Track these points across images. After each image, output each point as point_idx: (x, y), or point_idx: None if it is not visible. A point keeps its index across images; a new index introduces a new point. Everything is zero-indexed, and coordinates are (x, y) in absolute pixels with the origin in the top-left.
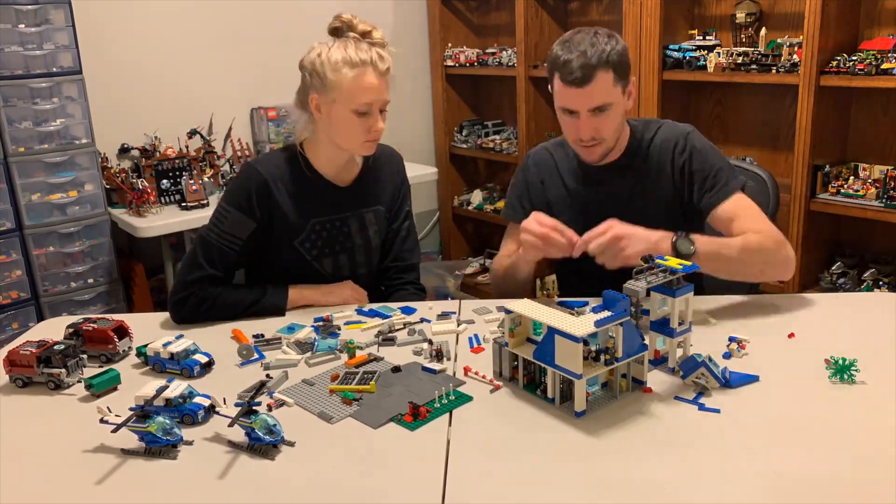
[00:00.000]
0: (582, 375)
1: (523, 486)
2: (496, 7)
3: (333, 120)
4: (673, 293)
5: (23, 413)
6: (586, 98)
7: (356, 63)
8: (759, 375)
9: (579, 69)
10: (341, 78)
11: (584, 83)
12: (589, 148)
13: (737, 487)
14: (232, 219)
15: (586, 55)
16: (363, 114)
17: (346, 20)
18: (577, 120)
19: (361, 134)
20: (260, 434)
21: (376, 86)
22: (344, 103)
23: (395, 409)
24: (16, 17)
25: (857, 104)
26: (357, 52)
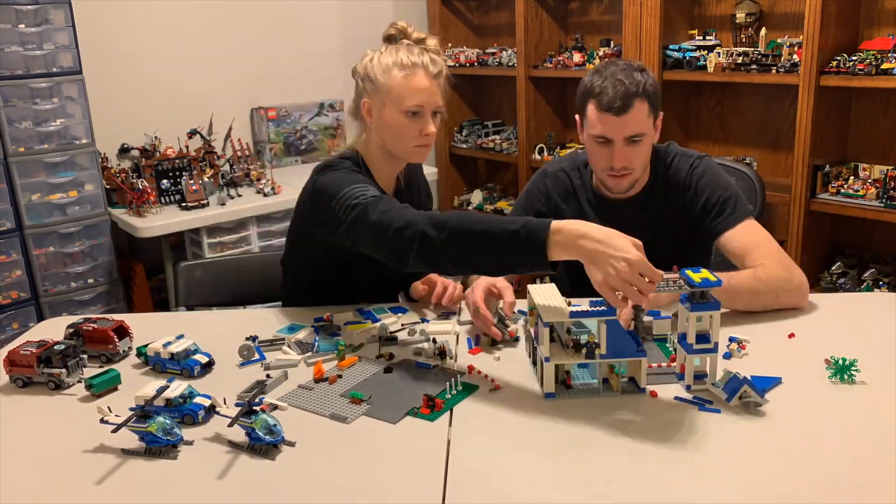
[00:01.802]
0: (550, 359)
1: (523, 486)
2: (496, 7)
3: (385, 123)
4: (691, 307)
5: (23, 413)
6: (623, 127)
7: (406, 65)
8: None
9: (619, 98)
10: (391, 79)
11: (623, 111)
12: (619, 178)
13: (737, 487)
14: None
15: (624, 84)
16: (414, 114)
17: (401, 28)
18: (610, 149)
19: (413, 136)
20: (260, 434)
21: (427, 87)
22: (394, 104)
23: (408, 404)
24: (16, 17)
25: (857, 104)
26: (408, 56)
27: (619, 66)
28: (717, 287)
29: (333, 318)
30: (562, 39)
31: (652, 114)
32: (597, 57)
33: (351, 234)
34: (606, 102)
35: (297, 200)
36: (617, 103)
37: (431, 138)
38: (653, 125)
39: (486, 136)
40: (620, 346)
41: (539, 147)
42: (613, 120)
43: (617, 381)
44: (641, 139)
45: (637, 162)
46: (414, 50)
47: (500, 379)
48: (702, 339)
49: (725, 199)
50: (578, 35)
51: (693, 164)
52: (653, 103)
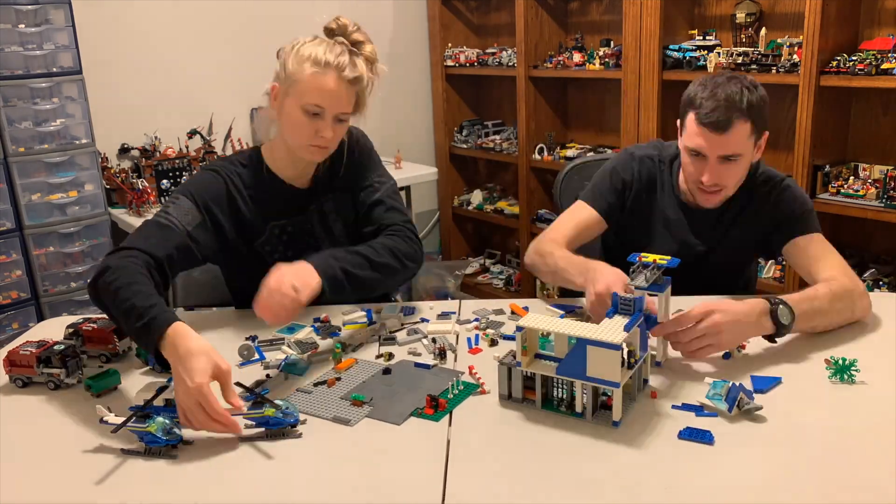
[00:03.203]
0: (620, 384)
1: (523, 487)
2: (496, 7)
3: (283, 113)
4: (661, 288)
5: (23, 413)
6: (721, 145)
7: (320, 62)
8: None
9: (720, 114)
10: (301, 71)
11: (723, 130)
12: (709, 195)
13: (737, 487)
14: (179, 205)
15: (730, 100)
16: (313, 115)
17: (342, 24)
18: (703, 163)
19: (307, 135)
20: (279, 418)
21: (333, 90)
22: (296, 97)
23: (411, 405)
24: (16, 17)
25: (857, 104)
26: (329, 53)
27: (727, 78)
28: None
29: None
30: (562, 39)
31: (754, 134)
32: (597, 57)
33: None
34: (706, 116)
35: None
36: (717, 119)
37: (327, 142)
38: (754, 145)
39: (486, 136)
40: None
41: (539, 147)
42: (711, 136)
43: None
44: (737, 160)
45: (730, 181)
46: (337, 50)
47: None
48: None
49: (802, 212)
50: (578, 35)
51: (775, 186)
52: (757, 123)
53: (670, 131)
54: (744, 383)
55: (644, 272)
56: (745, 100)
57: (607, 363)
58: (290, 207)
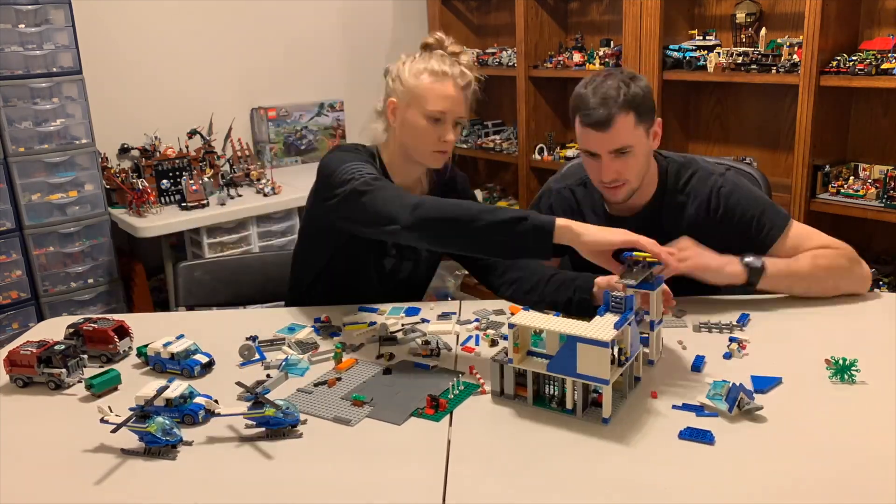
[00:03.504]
0: (609, 381)
1: (523, 487)
2: (496, 7)
3: (407, 124)
4: (652, 287)
5: (23, 413)
6: (607, 141)
7: (437, 72)
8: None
9: (599, 112)
10: (419, 83)
11: (605, 127)
12: (613, 189)
13: (737, 488)
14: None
15: (607, 97)
16: (436, 120)
17: (439, 39)
18: (599, 162)
19: (432, 142)
20: (279, 418)
21: (453, 95)
22: (419, 108)
23: (411, 405)
24: (16, 17)
25: (857, 104)
26: (440, 64)
27: (606, 76)
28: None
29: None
30: (562, 39)
31: (641, 124)
32: (597, 57)
33: (340, 208)
34: (588, 117)
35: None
36: (598, 118)
37: (450, 145)
38: (645, 134)
39: (486, 136)
40: (634, 345)
41: (539, 147)
42: (597, 135)
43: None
44: (630, 151)
45: (629, 173)
46: (447, 60)
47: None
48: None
49: (761, 213)
50: (578, 35)
51: (717, 183)
52: (641, 113)
53: (670, 131)
54: (744, 383)
55: (634, 269)
56: (622, 94)
57: (597, 360)
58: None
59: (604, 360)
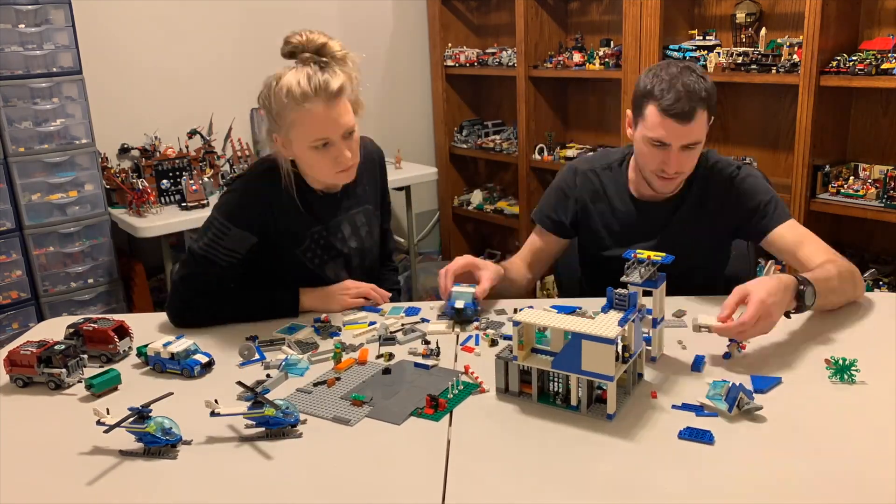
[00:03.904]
0: (614, 377)
1: (523, 487)
2: (496, 7)
3: (298, 157)
4: (655, 285)
5: (23, 413)
6: (686, 134)
7: (299, 97)
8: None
9: (684, 104)
10: (290, 114)
11: (687, 120)
12: (668, 181)
13: (737, 488)
14: (233, 235)
15: (691, 90)
16: (323, 146)
17: (299, 41)
18: (665, 153)
19: (329, 167)
20: (279, 418)
21: (327, 115)
22: (299, 139)
23: (410, 405)
24: (16, 17)
25: (857, 104)
26: (303, 82)
27: (681, 69)
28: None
29: (332, 319)
30: (562, 39)
31: (708, 122)
32: (597, 57)
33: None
34: (670, 107)
35: None
36: (682, 110)
37: (349, 161)
38: (705, 132)
39: (486, 136)
40: (637, 342)
41: (539, 147)
42: (676, 127)
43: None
44: (697, 146)
45: (690, 165)
46: (308, 72)
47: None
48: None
49: (768, 200)
50: (578, 35)
51: (733, 173)
52: (712, 110)
53: None
54: (744, 383)
55: (638, 269)
56: (703, 89)
57: (602, 357)
58: (325, 213)
59: (608, 357)
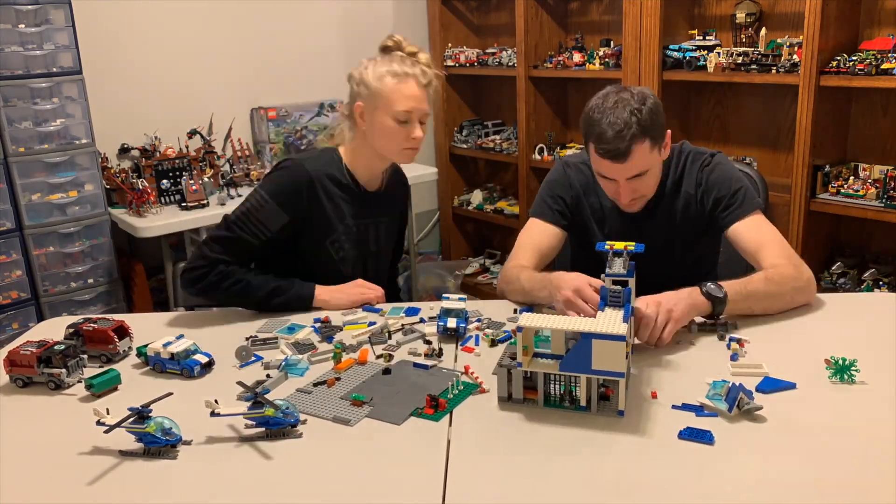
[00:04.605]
0: (625, 373)
1: (524, 486)
2: (496, 7)
3: (376, 126)
4: (630, 274)
5: (23, 413)
6: (624, 171)
7: (399, 74)
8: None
9: (616, 144)
10: (384, 86)
11: (622, 159)
12: (630, 205)
13: (737, 488)
14: (268, 209)
15: (622, 128)
16: (403, 121)
17: (396, 41)
18: (615, 184)
19: (401, 140)
20: (279, 418)
21: (417, 95)
22: (385, 110)
23: (410, 405)
24: (16, 17)
25: (857, 104)
26: (401, 66)
27: (616, 102)
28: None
29: (332, 319)
30: (562, 39)
31: (655, 146)
32: (597, 57)
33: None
34: (605, 149)
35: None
36: (615, 151)
37: (418, 142)
38: (658, 153)
39: (486, 136)
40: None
41: (539, 147)
42: (613, 165)
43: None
44: (647, 173)
45: (646, 189)
46: (407, 61)
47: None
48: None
49: (735, 191)
50: (578, 35)
51: (704, 162)
52: (654, 136)
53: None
54: (744, 383)
55: (618, 260)
56: (636, 122)
57: (613, 355)
58: (362, 209)
59: (619, 354)
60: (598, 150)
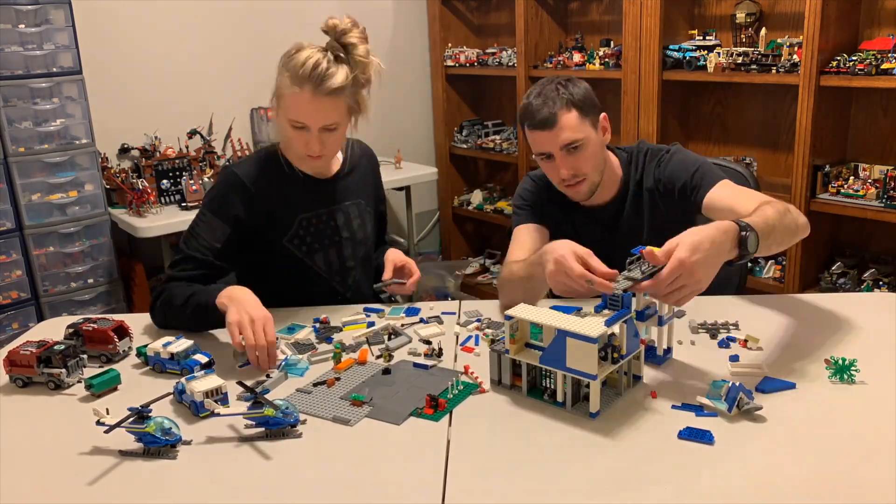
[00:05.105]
0: (597, 376)
1: (523, 486)
2: (496, 7)
3: (278, 125)
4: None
5: (23, 413)
6: (555, 138)
7: (298, 77)
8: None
9: (542, 112)
10: (283, 86)
11: (550, 125)
12: (573, 187)
13: (737, 488)
14: (207, 222)
15: (547, 98)
16: (298, 128)
17: (331, 26)
18: (554, 163)
19: (298, 146)
20: (279, 418)
21: (310, 106)
22: (283, 111)
23: (410, 405)
24: (16, 17)
25: (857, 104)
26: (305, 66)
27: (543, 84)
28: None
29: (331, 320)
30: (562, 39)
31: (586, 118)
32: (597, 57)
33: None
34: (533, 120)
35: None
36: (542, 118)
37: (318, 153)
38: (593, 129)
39: (486, 136)
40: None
41: None
42: (543, 134)
43: (625, 379)
44: (580, 145)
45: (586, 167)
46: (314, 59)
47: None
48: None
49: (693, 172)
50: (578, 35)
51: (661, 158)
52: (583, 109)
53: (670, 131)
54: (744, 383)
55: (639, 265)
56: (561, 93)
57: (585, 356)
58: (316, 200)
59: (592, 356)
60: (529, 126)
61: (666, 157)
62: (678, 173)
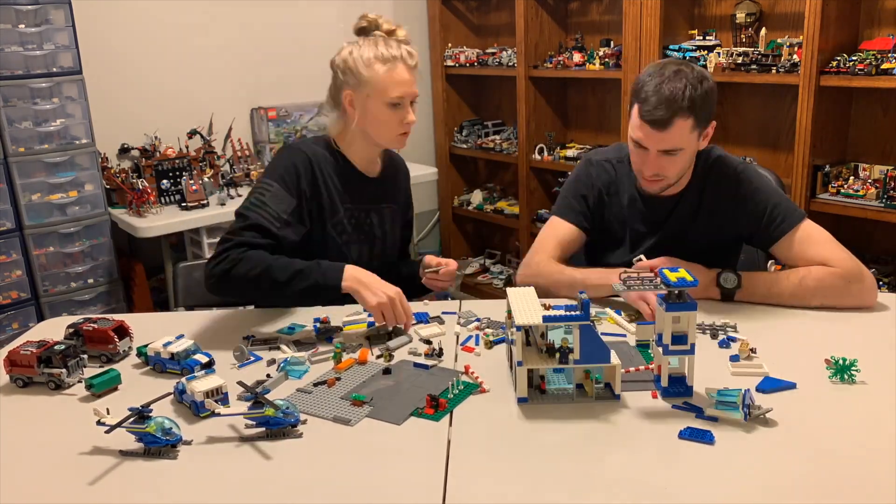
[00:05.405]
0: (522, 363)
1: (523, 486)
2: (496, 7)
3: (368, 114)
4: (667, 307)
5: (23, 413)
6: (659, 141)
7: (387, 58)
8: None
9: (661, 112)
10: (374, 73)
11: (663, 127)
12: (650, 182)
13: (737, 488)
14: (274, 193)
15: (672, 98)
16: (396, 106)
17: (372, 19)
18: (645, 154)
19: (395, 126)
20: (279, 418)
21: (407, 79)
22: (378, 97)
23: (411, 404)
24: (16, 17)
25: (857, 104)
26: (387, 49)
27: (676, 72)
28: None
29: (331, 319)
30: (562, 39)
31: (697, 128)
32: (597, 57)
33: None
34: (648, 114)
35: None
36: (657, 118)
37: (411, 126)
38: (697, 138)
39: (486, 136)
40: (594, 352)
41: (539, 147)
42: (651, 132)
43: (592, 387)
44: (678, 153)
45: (671, 171)
46: (391, 42)
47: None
48: (678, 339)
49: (775, 205)
50: (578, 35)
51: (739, 169)
52: (699, 117)
53: None
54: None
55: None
56: (688, 97)
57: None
58: (361, 195)
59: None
60: (641, 113)
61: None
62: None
